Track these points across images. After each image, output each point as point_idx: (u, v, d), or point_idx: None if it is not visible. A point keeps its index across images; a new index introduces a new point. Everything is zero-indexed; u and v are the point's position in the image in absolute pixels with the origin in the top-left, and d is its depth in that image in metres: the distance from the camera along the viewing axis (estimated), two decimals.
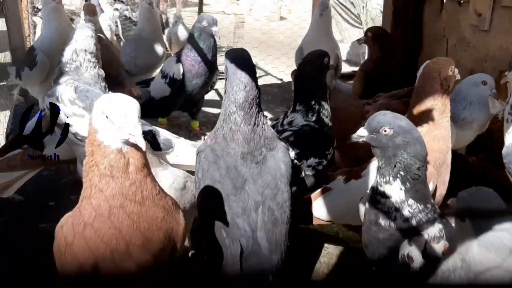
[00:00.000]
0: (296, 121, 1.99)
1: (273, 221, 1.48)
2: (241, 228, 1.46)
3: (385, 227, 1.46)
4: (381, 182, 1.46)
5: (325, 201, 1.90)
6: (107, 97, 1.19)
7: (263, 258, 1.46)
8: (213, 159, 1.51)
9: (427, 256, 1.41)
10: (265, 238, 1.47)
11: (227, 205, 1.47)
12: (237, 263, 1.45)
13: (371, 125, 1.44)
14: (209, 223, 1.50)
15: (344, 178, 1.91)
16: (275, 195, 1.50)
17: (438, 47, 3.54)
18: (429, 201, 1.48)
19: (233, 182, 1.48)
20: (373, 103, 2.52)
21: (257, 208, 1.48)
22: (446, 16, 3.45)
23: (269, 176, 1.51)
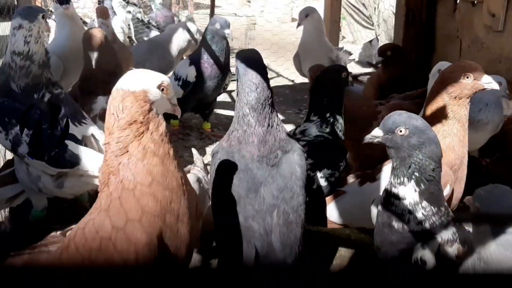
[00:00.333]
0: (309, 131, 2.02)
1: (288, 224, 1.48)
2: (255, 231, 1.46)
3: (398, 230, 1.44)
4: (395, 183, 1.44)
5: (340, 204, 1.90)
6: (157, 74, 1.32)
7: (278, 261, 1.46)
8: (228, 161, 1.51)
9: (440, 260, 1.39)
10: (280, 241, 1.47)
11: (241, 207, 1.47)
12: (252, 265, 1.45)
13: (386, 126, 1.43)
14: (224, 224, 1.50)
15: (359, 181, 1.91)
16: (290, 198, 1.49)
17: (451, 48, 3.51)
18: (443, 203, 1.46)
19: (248, 185, 1.47)
20: (386, 103, 2.51)
21: (272, 211, 1.47)
22: (460, 16, 3.42)
23: (284, 179, 1.49)
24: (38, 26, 1.83)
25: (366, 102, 2.60)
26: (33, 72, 1.83)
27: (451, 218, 1.47)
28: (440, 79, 1.83)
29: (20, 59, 1.81)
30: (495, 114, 2.32)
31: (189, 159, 2.78)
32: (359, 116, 2.44)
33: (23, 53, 1.81)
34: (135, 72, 1.30)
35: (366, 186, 1.88)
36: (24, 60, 1.82)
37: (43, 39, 1.87)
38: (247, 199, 1.47)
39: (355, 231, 2.09)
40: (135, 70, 1.32)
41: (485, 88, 1.75)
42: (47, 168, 1.86)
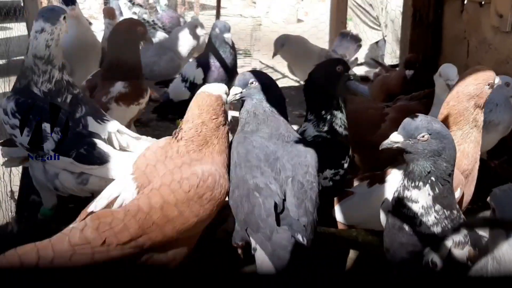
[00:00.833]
0: (308, 131, 1.96)
1: (302, 192, 1.55)
2: (274, 190, 1.52)
3: (409, 232, 1.43)
4: (409, 186, 1.42)
5: (347, 205, 1.88)
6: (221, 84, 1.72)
7: (292, 220, 1.51)
8: (246, 144, 1.65)
9: (451, 262, 1.38)
10: (294, 204, 1.53)
11: (260, 172, 1.55)
12: (273, 214, 1.49)
13: (407, 131, 1.38)
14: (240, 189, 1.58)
15: (368, 182, 1.89)
16: (305, 173, 1.58)
17: (458, 49, 3.49)
18: (455, 206, 1.45)
19: (266, 158, 1.59)
20: (393, 105, 2.50)
21: (286, 180, 1.56)
22: (467, 17, 3.40)
23: (299, 158, 1.61)
24: (59, 28, 1.83)
25: (373, 104, 2.59)
26: (55, 77, 1.85)
27: (462, 220, 1.45)
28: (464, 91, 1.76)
29: (42, 63, 1.82)
30: (505, 114, 2.31)
31: None
32: (367, 118, 2.43)
33: (44, 58, 1.82)
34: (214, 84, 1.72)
35: (375, 187, 1.87)
36: (46, 65, 1.82)
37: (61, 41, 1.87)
38: (265, 167, 1.57)
39: (362, 233, 2.08)
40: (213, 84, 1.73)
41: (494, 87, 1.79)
42: (73, 166, 1.85)
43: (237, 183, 1.60)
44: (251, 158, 1.59)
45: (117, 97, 2.42)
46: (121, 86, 2.43)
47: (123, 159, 1.86)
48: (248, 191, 1.55)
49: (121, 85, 2.43)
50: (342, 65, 1.97)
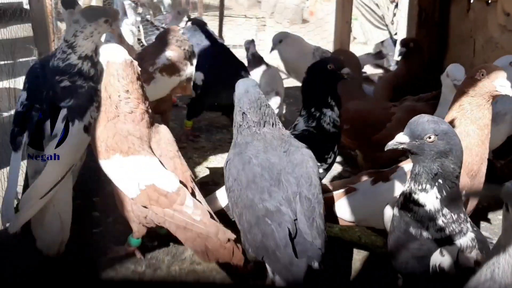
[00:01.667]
0: (298, 125, 2.03)
1: (311, 209, 1.52)
2: (285, 214, 1.49)
3: (415, 236, 1.40)
4: (416, 189, 1.39)
5: (350, 202, 1.87)
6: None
7: (306, 244, 1.48)
8: (244, 159, 1.59)
9: (459, 267, 1.35)
10: (306, 225, 1.50)
11: (268, 195, 1.51)
12: (288, 242, 1.46)
13: (413, 132, 1.35)
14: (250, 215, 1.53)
15: (372, 179, 1.87)
16: (310, 185, 1.56)
17: (464, 48, 3.46)
18: (462, 210, 1.42)
19: (270, 175, 1.55)
20: (399, 105, 2.48)
21: (294, 197, 1.53)
22: (473, 16, 3.37)
23: (300, 168, 1.59)
24: (94, 27, 1.94)
25: (380, 104, 2.56)
26: (69, 60, 1.94)
27: (469, 224, 1.43)
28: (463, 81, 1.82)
29: (65, 45, 1.95)
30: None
31: (197, 160, 2.77)
32: (373, 117, 2.42)
33: (68, 42, 1.95)
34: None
35: (378, 185, 1.84)
36: (67, 48, 1.94)
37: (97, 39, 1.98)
38: (272, 187, 1.53)
39: (365, 233, 2.06)
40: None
41: (497, 90, 1.70)
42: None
43: (245, 206, 1.55)
44: (255, 179, 1.54)
45: (161, 67, 2.76)
46: (165, 58, 2.79)
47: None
48: (258, 218, 1.50)
49: (165, 57, 2.79)
50: (333, 63, 1.99)
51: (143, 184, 1.74)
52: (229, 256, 1.70)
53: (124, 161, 1.77)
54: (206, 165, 2.72)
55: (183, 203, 1.73)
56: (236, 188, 1.58)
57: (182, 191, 1.75)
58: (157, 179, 1.75)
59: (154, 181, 1.74)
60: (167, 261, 1.89)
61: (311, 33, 5.79)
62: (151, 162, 1.78)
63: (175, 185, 1.75)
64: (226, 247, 1.70)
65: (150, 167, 1.77)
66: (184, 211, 1.72)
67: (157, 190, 1.73)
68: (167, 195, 1.73)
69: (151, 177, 1.75)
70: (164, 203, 1.73)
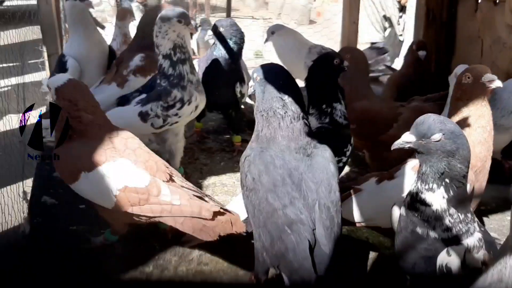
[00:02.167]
0: (311, 124, 1.99)
1: (330, 218, 1.49)
2: (305, 223, 1.46)
3: (422, 236, 1.40)
4: (422, 189, 1.38)
5: (355, 202, 1.87)
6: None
7: (324, 256, 1.46)
8: (266, 160, 1.53)
9: (466, 267, 1.35)
10: (324, 236, 1.47)
11: (289, 202, 1.47)
12: (308, 258, 1.43)
13: (420, 131, 1.35)
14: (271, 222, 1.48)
15: (377, 179, 1.87)
16: (329, 192, 1.52)
17: (472, 48, 3.44)
18: (469, 209, 1.42)
19: (291, 179, 1.50)
20: (407, 105, 2.47)
21: (314, 205, 1.49)
22: (481, 16, 3.35)
23: (321, 173, 1.54)
24: (168, 26, 2.20)
25: (388, 103, 2.56)
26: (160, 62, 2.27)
27: (477, 224, 1.42)
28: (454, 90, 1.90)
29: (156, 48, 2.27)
30: None
31: (204, 161, 2.77)
32: (380, 117, 2.41)
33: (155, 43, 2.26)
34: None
35: (383, 184, 1.84)
36: (156, 47, 2.27)
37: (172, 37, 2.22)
38: (293, 192, 1.48)
39: (373, 233, 2.06)
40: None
41: (488, 86, 1.77)
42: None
43: (264, 210, 1.50)
44: (277, 182, 1.49)
45: (134, 69, 2.72)
46: (138, 60, 2.74)
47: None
48: (277, 225, 1.46)
49: (138, 59, 2.74)
50: (338, 58, 2.00)
51: (116, 190, 1.74)
52: (228, 227, 1.70)
53: (91, 176, 1.76)
54: (213, 166, 2.73)
55: (159, 194, 1.73)
56: (257, 189, 1.52)
57: (154, 182, 1.75)
58: (127, 180, 1.74)
59: (125, 183, 1.74)
60: (174, 261, 1.90)
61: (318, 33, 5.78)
62: (116, 166, 1.77)
63: (146, 179, 1.75)
64: (222, 220, 1.70)
65: (117, 171, 1.76)
66: (162, 200, 1.73)
67: (132, 190, 1.73)
68: (143, 191, 1.73)
69: (121, 180, 1.74)
70: (142, 200, 1.73)
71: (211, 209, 1.71)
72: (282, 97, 1.58)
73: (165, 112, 2.24)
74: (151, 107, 2.23)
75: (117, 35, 3.41)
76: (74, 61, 2.80)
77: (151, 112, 2.23)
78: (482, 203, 2.04)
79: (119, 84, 2.66)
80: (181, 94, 2.25)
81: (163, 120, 2.25)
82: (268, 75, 1.61)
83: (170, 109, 2.24)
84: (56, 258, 1.88)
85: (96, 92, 2.58)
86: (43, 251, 1.93)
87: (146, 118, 2.24)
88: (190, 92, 2.28)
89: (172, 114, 2.25)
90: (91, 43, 2.87)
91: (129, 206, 1.74)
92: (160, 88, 2.26)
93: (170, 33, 2.20)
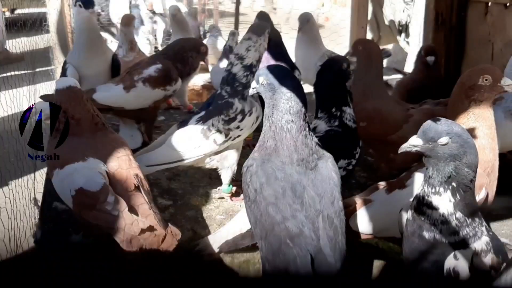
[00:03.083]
0: (319, 127, 2.02)
1: (334, 229, 1.48)
2: (308, 236, 1.44)
3: (429, 240, 1.39)
4: (429, 192, 1.38)
5: (366, 213, 1.83)
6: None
7: (331, 267, 1.45)
8: (268, 172, 1.51)
9: (474, 271, 1.33)
10: (329, 246, 1.46)
11: (291, 215, 1.46)
12: (310, 273, 1.42)
13: (427, 134, 1.34)
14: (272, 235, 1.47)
15: (386, 189, 1.85)
16: (332, 203, 1.50)
17: (483, 52, 3.41)
18: (477, 214, 1.40)
19: (293, 192, 1.48)
20: (417, 108, 2.45)
21: (317, 216, 1.48)
22: (491, 19, 3.33)
23: (324, 184, 1.52)
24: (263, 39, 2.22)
25: (399, 105, 2.53)
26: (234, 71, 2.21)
27: (484, 227, 1.41)
28: (458, 84, 1.86)
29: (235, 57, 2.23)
30: None
31: None
32: (391, 117, 2.38)
33: (239, 54, 2.22)
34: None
35: (394, 193, 1.81)
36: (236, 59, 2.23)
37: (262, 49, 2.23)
38: (294, 205, 1.47)
39: (382, 240, 2.04)
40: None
41: (505, 90, 1.76)
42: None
43: (266, 223, 1.48)
44: (277, 194, 1.47)
45: (146, 78, 2.63)
46: (153, 70, 2.65)
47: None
48: (279, 237, 1.45)
49: (153, 69, 2.65)
50: (347, 62, 2.02)
51: (73, 190, 1.73)
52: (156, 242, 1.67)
53: (60, 173, 1.79)
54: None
55: (105, 200, 1.69)
56: (258, 201, 1.50)
57: (105, 188, 1.72)
58: (84, 182, 1.73)
59: (81, 184, 1.73)
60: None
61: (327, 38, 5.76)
62: (83, 166, 1.77)
63: (99, 183, 1.72)
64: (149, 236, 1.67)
65: (80, 171, 1.76)
66: (105, 208, 1.69)
67: (84, 193, 1.72)
68: (92, 195, 1.71)
69: (79, 180, 1.74)
70: (90, 205, 1.71)
71: (140, 225, 1.68)
72: (291, 109, 1.52)
73: (227, 126, 2.16)
74: (212, 123, 2.15)
75: (123, 42, 3.42)
76: (73, 68, 2.78)
77: (212, 128, 2.15)
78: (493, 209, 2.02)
79: (126, 87, 2.61)
80: (242, 105, 2.18)
81: (225, 135, 2.17)
82: (277, 80, 1.56)
83: (231, 122, 2.16)
84: (66, 264, 1.89)
85: (101, 89, 2.61)
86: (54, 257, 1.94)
87: (208, 134, 2.15)
88: (251, 102, 2.22)
89: (234, 127, 2.17)
90: (92, 51, 2.83)
91: (80, 208, 1.74)
92: (221, 101, 2.19)
93: (263, 46, 2.22)
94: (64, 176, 1.78)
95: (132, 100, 2.60)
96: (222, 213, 2.24)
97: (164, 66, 2.65)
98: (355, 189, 2.38)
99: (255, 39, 2.19)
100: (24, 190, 2.36)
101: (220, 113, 2.16)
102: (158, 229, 1.69)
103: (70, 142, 1.85)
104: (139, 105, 2.66)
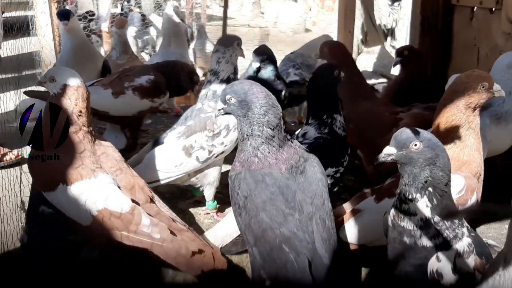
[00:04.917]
0: (309, 133, 2.02)
1: (327, 230, 1.49)
2: (302, 239, 1.45)
3: (410, 245, 1.41)
4: (406, 199, 1.41)
5: (356, 223, 1.81)
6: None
7: (327, 268, 1.46)
8: (257, 178, 1.49)
9: (458, 272, 1.36)
10: (324, 248, 1.47)
11: (283, 219, 1.45)
12: (308, 275, 1.43)
13: (399, 142, 1.39)
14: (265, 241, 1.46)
15: (375, 197, 1.83)
16: (323, 204, 1.52)
17: (468, 56, 3.46)
18: (456, 215, 1.43)
19: (284, 196, 1.47)
20: (406, 111, 2.47)
21: (310, 219, 1.48)
22: (477, 24, 3.38)
23: (313, 186, 1.53)
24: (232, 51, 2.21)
25: (389, 108, 2.55)
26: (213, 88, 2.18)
27: (466, 228, 1.43)
28: (454, 90, 1.80)
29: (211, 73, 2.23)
30: None
31: None
32: (380, 121, 2.40)
33: (213, 70, 2.22)
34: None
35: (384, 202, 1.78)
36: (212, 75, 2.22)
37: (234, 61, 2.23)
38: (287, 209, 1.46)
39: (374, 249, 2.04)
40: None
41: (494, 96, 1.77)
42: None
43: (259, 230, 1.47)
44: (268, 200, 1.46)
45: (136, 87, 2.56)
46: (145, 80, 2.59)
47: None
48: (274, 244, 1.44)
49: (145, 79, 2.59)
50: (338, 69, 2.02)
51: (95, 210, 1.66)
52: (210, 264, 1.66)
53: (69, 190, 1.68)
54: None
55: (139, 223, 1.65)
56: (248, 207, 1.48)
57: (136, 210, 1.67)
58: (107, 202, 1.66)
59: (105, 205, 1.66)
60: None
61: None
62: (97, 182, 1.69)
63: (128, 205, 1.67)
64: (199, 258, 1.66)
65: (97, 189, 1.68)
66: (141, 230, 1.65)
67: (111, 214, 1.65)
68: (122, 217, 1.65)
69: (101, 200, 1.66)
70: (119, 226, 1.65)
71: (190, 248, 1.66)
72: (270, 124, 1.48)
73: (211, 142, 2.08)
74: (195, 139, 2.07)
75: (117, 44, 3.43)
76: None
77: (195, 144, 2.06)
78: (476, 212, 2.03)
79: (114, 93, 2.53)
80: (226, 120, 2.07)
81: (208, 151, 2.09)
82: (247, 96, 1.50)
83: (215, 138, 2.08)
84: (53, 268, 1.87)
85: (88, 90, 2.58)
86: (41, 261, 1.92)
87: (190, 152, 2.07)
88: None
89: (218, 143, 2.09)
90: (77, 56, 2.83)
91: (104, 229, 1.67)
92: (204, 115, 2.11)
93: (234, 57, 2.20)
94: (77, 193, 1.68)
95: (119, 106, 2.53)
96: (210, 217, 2.24)
97: (156, 78, 2.59)
98: (342, 193, 2.40)
99: (223, 50, 2.19)
100: (11, 194, 2.33)
101: (203, 129, 2.08)
102: (206, 249, 1.67)
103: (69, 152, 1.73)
104: (124, 113, 2.59)
